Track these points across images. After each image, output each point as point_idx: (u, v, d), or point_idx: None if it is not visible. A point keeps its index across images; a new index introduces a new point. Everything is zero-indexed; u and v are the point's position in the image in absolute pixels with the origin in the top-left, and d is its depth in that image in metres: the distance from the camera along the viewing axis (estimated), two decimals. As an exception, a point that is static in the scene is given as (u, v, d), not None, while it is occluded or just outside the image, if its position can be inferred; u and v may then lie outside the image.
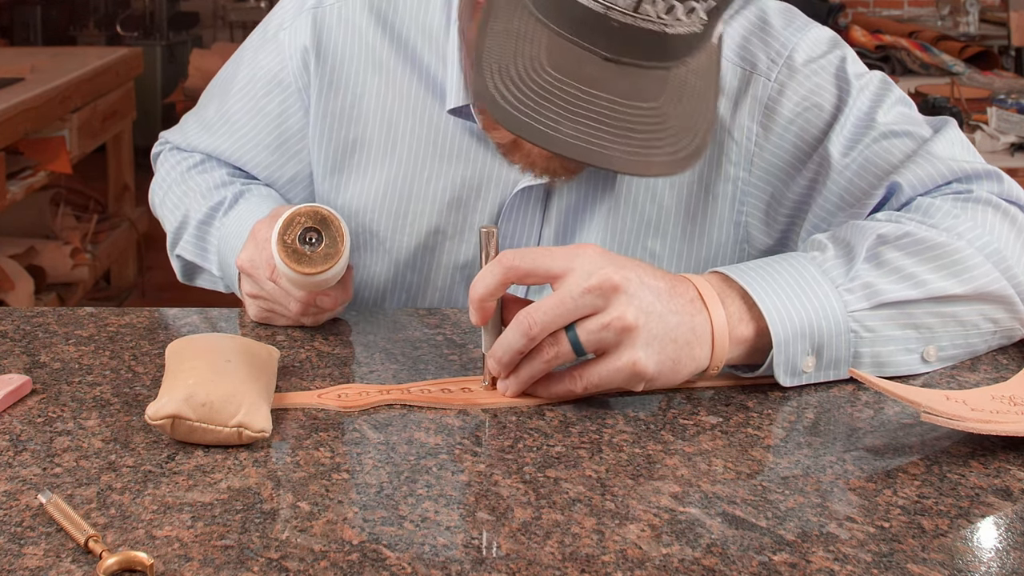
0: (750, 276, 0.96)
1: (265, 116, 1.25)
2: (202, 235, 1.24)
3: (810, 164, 1.14)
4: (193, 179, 1.28)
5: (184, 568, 0.71)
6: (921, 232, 1.01)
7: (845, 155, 1.12)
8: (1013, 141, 2.81)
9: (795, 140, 1.14)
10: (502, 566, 0.71)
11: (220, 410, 0.85)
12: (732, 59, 1.15)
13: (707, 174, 1.17)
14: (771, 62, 1.15)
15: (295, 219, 1.03)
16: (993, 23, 4.58)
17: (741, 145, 1.16)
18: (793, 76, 1.14)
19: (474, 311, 0.93)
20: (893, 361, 0.98)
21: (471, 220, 1.20)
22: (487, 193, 1.19)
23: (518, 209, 1.18)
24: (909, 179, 1.09)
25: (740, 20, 1.16)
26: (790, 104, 1.14)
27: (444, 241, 1.21)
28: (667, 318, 0.92)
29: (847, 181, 1.12)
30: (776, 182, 1.16)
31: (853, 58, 1.17)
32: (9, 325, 1.11)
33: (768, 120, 1.15)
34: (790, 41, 1.15)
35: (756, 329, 0.95)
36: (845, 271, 0.98)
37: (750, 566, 0.71)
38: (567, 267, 0.91)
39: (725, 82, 1.15)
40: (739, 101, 1.15)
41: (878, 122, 1.13)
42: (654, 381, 0.92)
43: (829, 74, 1.15)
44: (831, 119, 1.13)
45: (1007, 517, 0.78)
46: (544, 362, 0.92)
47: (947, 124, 1.15)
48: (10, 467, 0.83)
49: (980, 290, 1.00)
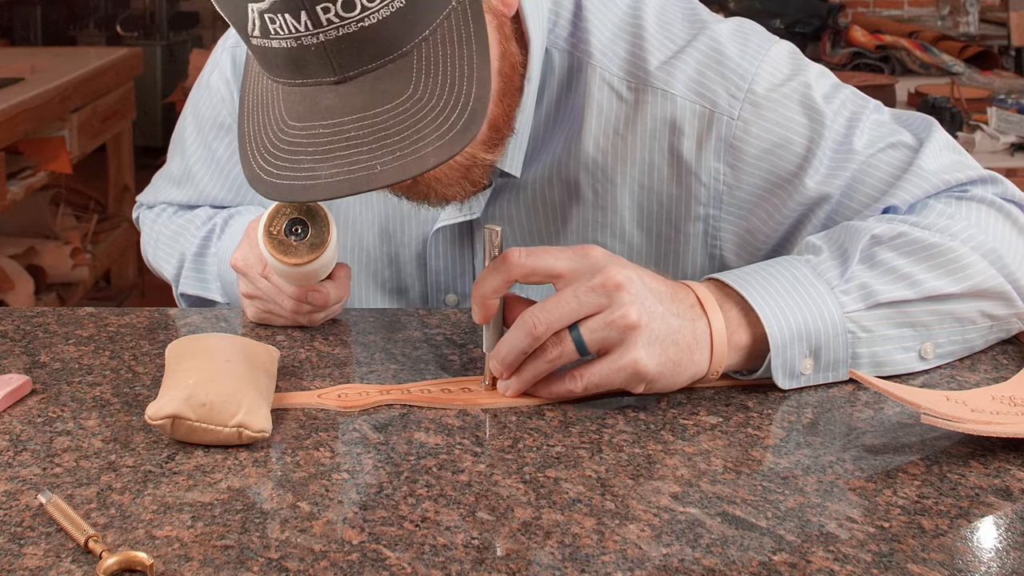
0: (746, 281, 0.96)
1: (218, 162, 1.28)
2: (199, 267, 1.25)
3: (789, 200, 1.10)
4: (178, 222, 1.30)
5: (184, 568, 0.71)
6: (915, 232, 1.01)
7: (828, 184, 1.09)
8: (1013, 141, 2.81)
9: (766, 176, 1.10)
10: (502, 566, 0.71)
11: (220, 410, 0.85)
12: (690, 97, 1.09)
13: (676, 216, 1.13)
14: (732, 98, 1.08)
15: (281, 210, 1.04)
16: (993, 23, 4.57)
17: (709, 187, 1.11)
18: (757, 111, 1.08)
19: (477, 309, 0.93)
20: (891, 360, 0.98)
21: (398, 253, 1.20)
22: (410, 229, 1.19)
23: (444, 244, 1.18)
24: (904, 198, 1.07)
25: (692, 53, 1.10)
26: (757, 141, 1.09)
27: (381, 270, 1.22)
28: (669, 320, 0.92)
29: (837, 204, 1.09)
30: (750, 216, 1.12)
31: (817, 76, 1.12)
32: (9, 325, 1.11)
33: (735, 160, 1.10)
34: (748, 72, 1.09)
35: (753, 335, 0.95)
36: (840, 272, 0.98)
37: (750, 566, 0.72)
38: (570, 267, 0.91)
39: (685, 127, 1.10)
40: (703, 142, 1.10)
41: (856, 149, 1.08)
42: (654, 383, 0.92)
43: (795, 103, 1.09)
44: (806, 152, 1.09)
45: (1007, 517, 0.78)
46: (548, 362, 0.92)
47: (931, 129, 1.11)
48: (10, 467, 0.83)
49: (975, 288, 1.00)
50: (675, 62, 1.10)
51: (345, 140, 0.87)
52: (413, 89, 0.88)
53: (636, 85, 1.10)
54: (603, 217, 1.14)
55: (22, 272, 3.30)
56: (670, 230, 1.14)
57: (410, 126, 0.87)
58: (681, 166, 1.11)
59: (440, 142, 0.86)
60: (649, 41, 1.11)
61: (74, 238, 3.64)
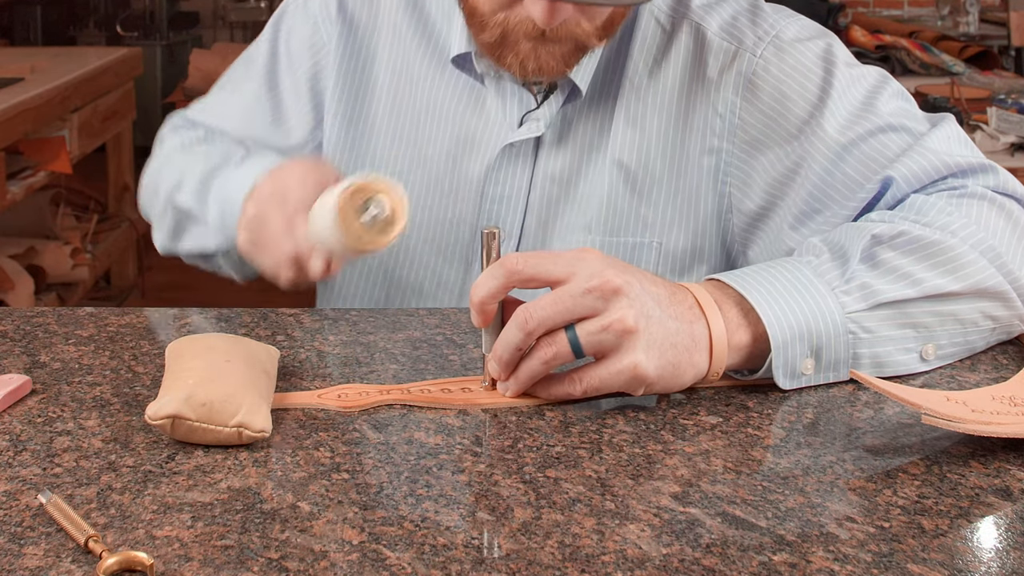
0: (746, 281, 0.96)
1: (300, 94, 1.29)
2: (206, 181, 1.22)
3: (796, 143, 1.15)
4: (196, 150, 1.30)
5: (184, 568, 0.71)
6: (915, 231, 1.01)
7: (840, 134, 1.14)
8: (1013, 141, 2.81)
9: (777, 116, 1.16)
10: (502, 566, 0.71)
11: (220, 410, 0.85)
12: (720, 35, 1.19)
13: (691, 146, 1.19)
14: (758, 39, 1.18)
15: (364, 187, 0.96)
16: (993, 23, 4.57)
17: (724, 118, 1.18)
18: (779, 53, 1.17)
19: (475, 314, 0.93)
20: (892, 361, 0.98)
21: (461, 176, 1.24)
22: (477, 151, 1.23)
23: (506, 167, 1.22)
24: (903, 173, 1.09)
25: (731, 3, 1.21)
26: (773, 80, 1.17)
27: (440, 199, 1.24)
28: (667, 323, 0.92)
29: (836, 163, 1.13)
30: (758, 155, 1.17)
31: (842, 48, 1.19)
32: (9, 325, 1.11)
33: (750, 93, 1.17)
34: (779, 23, 1.19)
35: (753, 335, 0.95)
36: (840, 273, 0.98)
37: (750, 566, 0.72)
38: (569, 271, 0.91)
39: (710, 59, 1.18)
40: (723, 75, 1.18)
41: (879, 111, 1.14)
42: (654, 386, 0.92)
43: (816, 55, 1.17)
44: (818, 100, 1.15)
45: (1007, 517, 0.78)
46: (542, 362, 0.92)
47: (944, 119, 1.15)
48: (10, 467, 0.83)
49: (976, 287, 1.00)
50: (715, 5, 1.22)
51: None
52: None
53: (677, 18, 1.21)
54: (632, 137, 1.20)
55: (22, 272, 3.30)
56: (684, 161, 1.20)
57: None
58: (700, 94, 1.19)
59: None
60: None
61: (74, 238, 3.64)
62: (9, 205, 3.15)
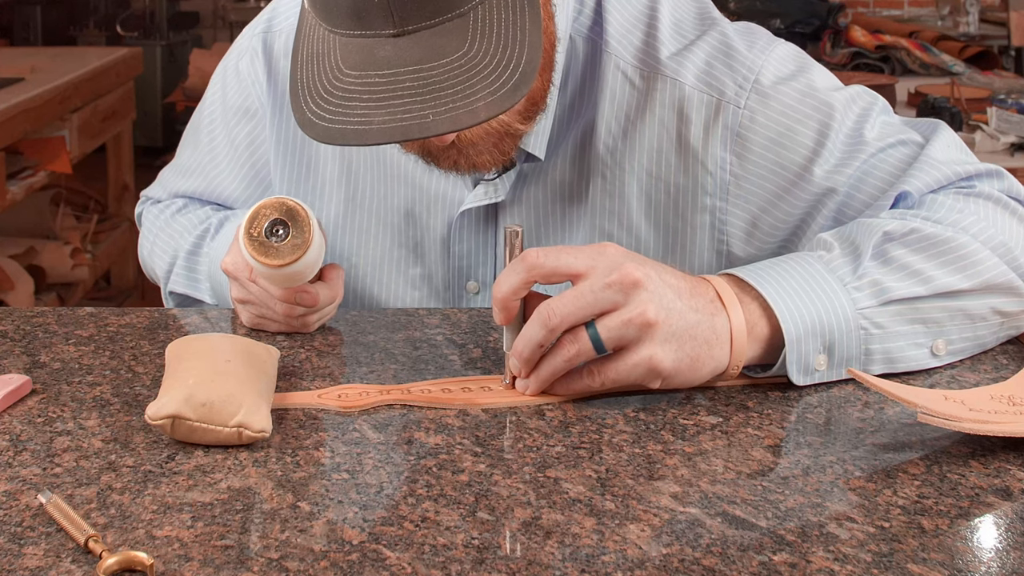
0: (761, 276, 0.96)
1: (236, 148, 1.27)
2: (192, 265, 1.25)
3: (797, 191, 1.12)
4: (178, 221, 1.30)
5: (184, 568, 0.71)
6: (927, 228, 1.01)
7: (838, 174, 1.10)
8: (1013, 141, 2.81)
9: (773, 167, 1.12)
10: (502, 566, 0.71)
11: (220, 410, 0.85)
12: (699, 87, 1.12)
13: (683, 206, 1.15)
14: (739, 88, 1.12)
15: (260, 212, 1.03)
16: (993, 23, 4.57)
17: (716, 176, 1.13)
18: (763, 100, 1.12)
19: (497, 310, 0.94)
20: (904, 356, 0.99)
21: (425, 233, 1.21)
22: (436, 208, 1.20)
23: (468, 227, 1.19)
24: (917, 186, 1.08)
25: (702, 46, 1.14)
26: (763, 131, 1.12)
27: (406, 255, 1.22)
28: (687, 315, 0.92)
29: (846, 197, 1.10)
30: (756, 209, 1.14)
31: (822, 73, 1.15)
32: (9, 325, 1.11)
33: (742, 148, 1.12)
34: (755, 64, 1.12)
35: (772, 327, 0.95)
36: (852, 269, 0.98)
37: (750, 566, 0.72)
38: (590, 265, 0.91)
39: (692, 114, 1.13)
40: (710, 130, 1.12)
41: (867, 140, 1.11)
42: (671, 379, 0.92)
43: (802, 95, 1.12)
44: (814, 144, 1.11)
45: (1007, 517, 0.78)
46: (564, 360, 0.92)
47: (939, 128, 1.14)
48: (10, 467, 0.83)
49: (987, 283, 1.01)
50: (686, 53, 1.14)
51: (399, 90, 0.90)
52: (468, 47, 0.91)
53: (648, 73, 1.14)
54: (611, 204, 1.16)
55: (22, 272, 3.30)
56: (677, 221, 1.16)
57: (463, 81, 0.90)
58: (688, 154, 1.14)
59: (492, 98, 0.90)
60: (663, 32, 1.15)
61: (74, 238, 3.64)
62: (9, 205, 3.15)
